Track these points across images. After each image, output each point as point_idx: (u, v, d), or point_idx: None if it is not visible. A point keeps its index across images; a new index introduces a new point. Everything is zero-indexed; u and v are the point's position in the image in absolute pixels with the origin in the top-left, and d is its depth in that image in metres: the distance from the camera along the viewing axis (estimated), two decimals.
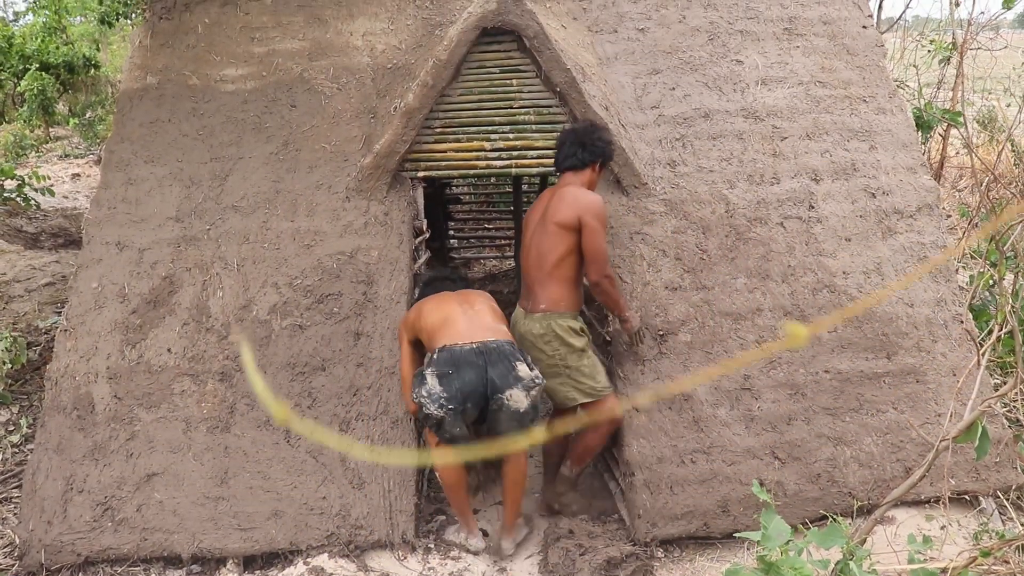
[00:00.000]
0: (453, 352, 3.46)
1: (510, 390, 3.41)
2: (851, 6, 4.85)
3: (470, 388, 3.40)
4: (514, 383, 3.42)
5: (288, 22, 4.56)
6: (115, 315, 4.06)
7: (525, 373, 3.47)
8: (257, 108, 4.38)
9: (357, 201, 4.13)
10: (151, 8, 4.72)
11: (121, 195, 4.30)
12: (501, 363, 3.45)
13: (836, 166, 4.34)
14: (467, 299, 3.81)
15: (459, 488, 3.74)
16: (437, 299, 3.78)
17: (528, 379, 3.46)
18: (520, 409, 3.44)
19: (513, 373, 3.44)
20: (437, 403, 3.38)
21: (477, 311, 3.71)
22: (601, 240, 3.66)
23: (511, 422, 3.47)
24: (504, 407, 3.43)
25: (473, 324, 3.60)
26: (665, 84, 4.37)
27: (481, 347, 3.48)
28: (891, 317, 4.09)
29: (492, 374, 3.42)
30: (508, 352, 3.51)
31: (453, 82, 4.09)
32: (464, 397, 3.40)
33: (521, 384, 3.43)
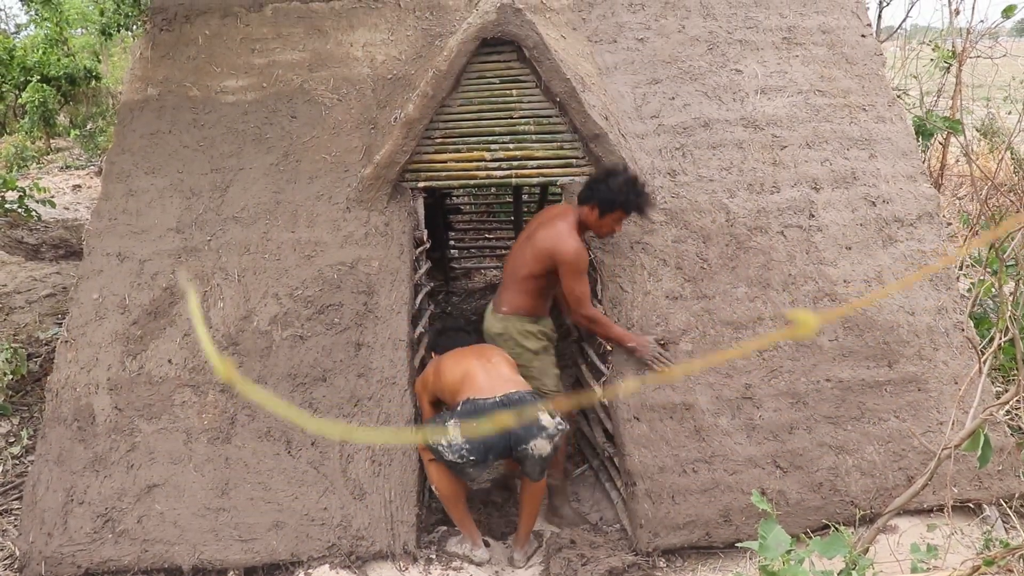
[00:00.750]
0: (477, 405, 3.50)
1: (534, 440, 3.46)
2: (850, 15, 4.86)
3: (493, 442, 3.46)
4: (538, 433, 3.47)
5: (288, 33, 4.57)
6: (116, 326, 4.06)
7: (548, 422, 3.51)
8: (257, 119, 4.39)
9: (357, 212, 4.13)
10: (152, 20, 4.74)
11: (122, 206, 4.31)
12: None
13: (836, 175, 4.34)
14: (483, 353, 3.84)
15: (457, 500, 3.75)
16: (454, 356, 3.80)
17: (551, 427, 3.50)
18: (543, 455, 3.50)
19: (537, 424, 3.47)
20: (457, 453, 3.46)
21: (495, 363, 3.74)
22: (575, 283, 3.77)
23: (534, 465, 3.54)
24: (528, 455, 3.49)
25: (492, 377, 3.64)
26: (665, 94, 4.38)
27: (504, 399, 3.51)
28: (892, 325, 4.09)
29: (516, 429, 3.45)
30: (530, 402, 3.55)
31: (453, 92, 4.10)
32: (486, 450, 3.46)
33: (545, 433, 3.48)
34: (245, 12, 4.65)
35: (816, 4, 4.83)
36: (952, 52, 7.55)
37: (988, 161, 9.18)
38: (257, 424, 3.86)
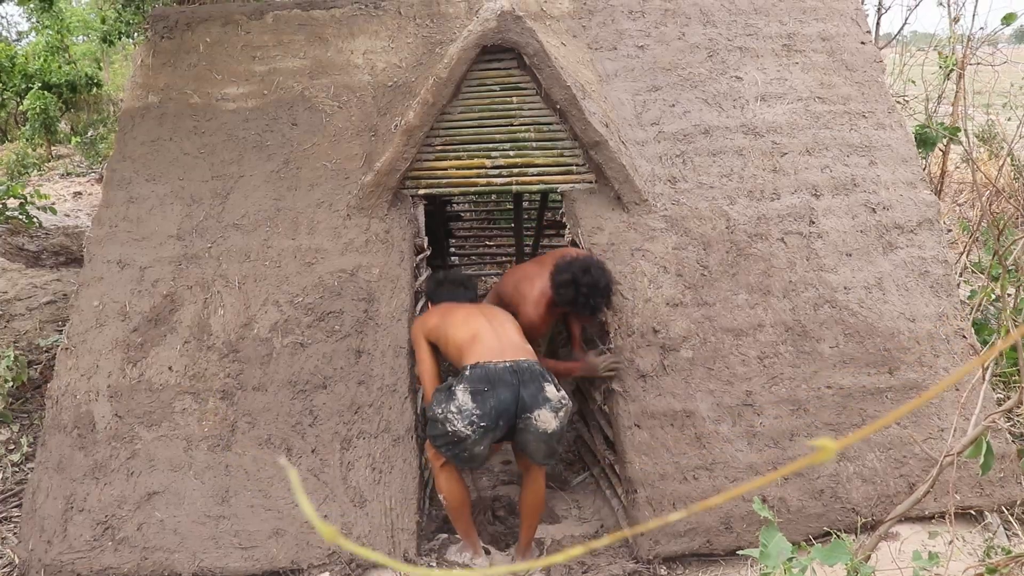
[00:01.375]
0: (487, 369, 3.44)
1: (539, 410, 3.42)
2: (849, 22, 4.87)
3: (504, 407, 3.40)
4: (543, 403, 3.43)
5: (289, 41, 4.58)
6: (116, 333, 4.06)
7: (553, 394, 3.48)
8: (258, 126, 4.40)
9: (358, 219, 4.14)
10: (153, 28, 4.75)
11: (122, 213, 4.31)
12: (532, 383, 3.45)
13: (836, 181, 4.35)
14: (491, 314, 3.80)
15: (463, 508, 3.73)
16: (462, 313, 3.76)
17: (556, 400, 3.46)
18: (548, 430, 3.44)
19: (542, 394, 3.45)
20: (468, 419, 3.37)
21: (504, 327, 3.71)
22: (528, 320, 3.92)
23: (538, 442, 3.48)
24: (531, 427, 3.44)
25: (503, 342, 3.59)
26: (665, 101, 4.39)
27: (514, 366, 3.47)
28: (893, 332, 4.09)
29: (524, 393, 3.42)
30: (538, 372, 3.52)
31: (453, 100, 4.11)
32: (498, 415, 3.39)
33: (549, 405, 3.44)
34: (246, 20, 4.66)
35: (816, 11, 4.84)
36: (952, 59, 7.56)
37: (989, 168, 9.18)
38: (257, 431, 3.85)
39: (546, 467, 3.74)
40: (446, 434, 3.44)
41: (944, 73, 7.76)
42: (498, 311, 3.89)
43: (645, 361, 3.88)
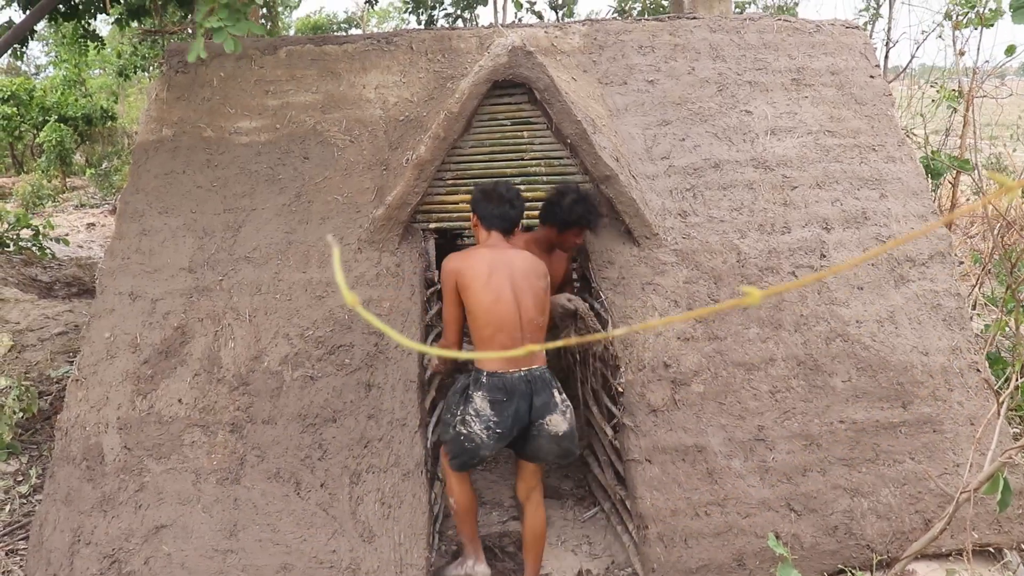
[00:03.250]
0: (505, 380, 3.54)
1: (550, 415, 3.56)
2: (858, 56, 4.89)
3: (520, 416, 3.54)
4: (553, 409, 3.57)
5: (302, 75, 4.63)
6: (126, 365, 4.07)
7: (559, 398, 3.63)
8: (270, 160, 4.43)
9: (369, 252, 4.15)
10: (168, 62, 4.81)
11: (135, 245, 4.34)
12: (544, 391, 3.58)
13: (847, 215, 4.34)
14: (517, 279, 3.56)
15: (470, 515, 3.83)
16: (487, 269, 3.53)
17: (561, 403, 3.61)
18: (559, 432, 3.58)
19: (552, 400, 3.59)
20: (485, 424, 3.50)
21: (526, 302, 3.55)
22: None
23: (551, 444, 3.60)
24: (544, 432, 3.57)
25: (524, 331, 3.55)
26: (675, 135, 4.41)
27: (528, 375, 3.57)
28: (906, 366, 4.06)
29: (536, 402, 3.55)
30: (548, 380, 3.63)
31: (465, 134, 4.13)
32: (513, 424, 3.53)
33: (558, 409, 3.58)
34: (260, 54, 4.72)
35: (824, 46, 4.87)
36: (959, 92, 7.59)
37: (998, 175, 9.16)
38: (266, 465, 3.84)
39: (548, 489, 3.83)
40: (459, 436, 3.55)
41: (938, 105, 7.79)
42: (523, 267, 3.61)
43: (656, 395, 3.87)
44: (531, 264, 3.62)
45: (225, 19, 3.94)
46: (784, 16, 5.17)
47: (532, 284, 3.59)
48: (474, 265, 3.55)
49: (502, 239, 3.67)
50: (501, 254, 3.59)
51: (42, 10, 7.12)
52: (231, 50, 3.95)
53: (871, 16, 8.62)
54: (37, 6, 7.12)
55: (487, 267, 3.54)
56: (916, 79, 9.53)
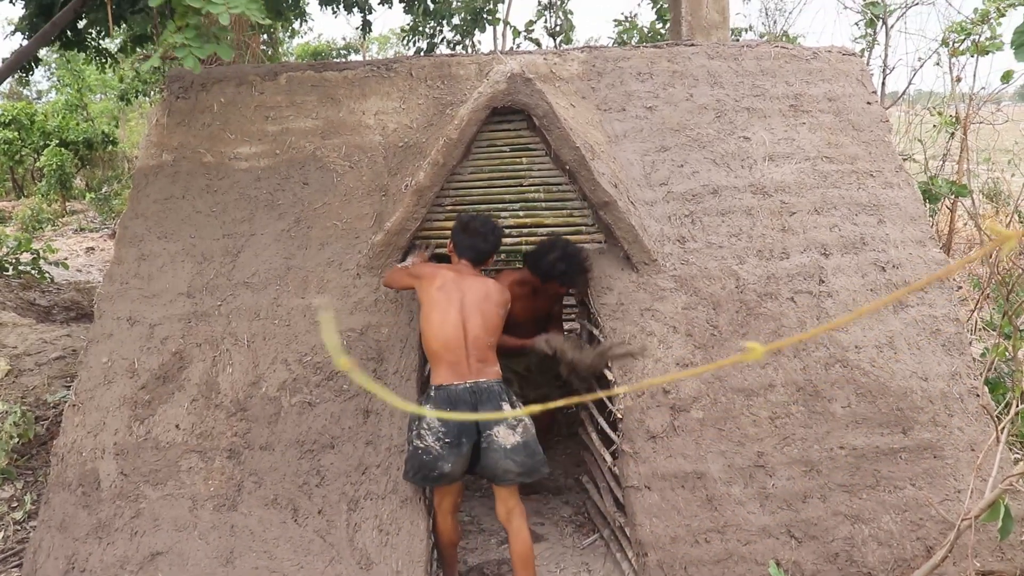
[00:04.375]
0: (449, 392, 3.66)
1: (497, 427, 3.62)
2: (855, 83, 4.92)
3: (464, 424, 3.61)
4: (499, 421, 3.63)
5: (302, 101, 4.65)
6: (124, 390, 4.06)
7: (508, 412, 3.73)
8: (270, 185, 4.44)
9: (368, 278, 4.15)
10: (169, 87, 4.83)
11: (134, 270, 4.34)
12: (490, 403, 3.65)
13: (845, 240, 4.35)
14: (469, 302, 3.76)
15: (450, 548, 3.92)
16: (444, 292, 3.74)
17: (511, 417, 3.66)
18: (507, 445, 3.61)
19: (500, 411, 3.68)
20: (435, 436, 3.59)
21: (475, 323, 3.73)
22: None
23: (505, 459, 3.62)
24: (494, 444, 3.62)
25: (469, 349, 3.71)
26: (673, 161, 4.43)
27: (473, 386, 3.67)
28: (905, 391, 4.05)
29: (481, 411, 3.65)
30: (496, 392, 3.70)
31: (464, 160, 4.15)
32: (459, 432, 3.59)
33: (504, 423, 3.63)
34: (260, 80, 4.74)
35: (821, 72, 4.90)
36: (956, 118, 7.63)
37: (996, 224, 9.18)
38: (264, 491, 3.82)
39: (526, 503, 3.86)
40: (416, 451, 3.61)
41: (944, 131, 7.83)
42: (476, 291, 3.81)
43: (655, 422, 3.85)
44: (486, 290, 3.82)
45: (191, 39, 3.97)
46: (781, 43, 5.21)
47: (482, 308, 3.78)
48: (434, 282, 3.79)
49: (470, 267, 3.89)
50: (461, 279, 3.81)
51: (44, 36, 7.17)
52: (190, 67, 3.98)
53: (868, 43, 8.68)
54: (39, 32, 7.17)
55: (442, 290, 3.76)
56: (913, 104, 9.59)
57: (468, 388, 3.67)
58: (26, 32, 7.69)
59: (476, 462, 3.70)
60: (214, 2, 3.83)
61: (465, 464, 3.66)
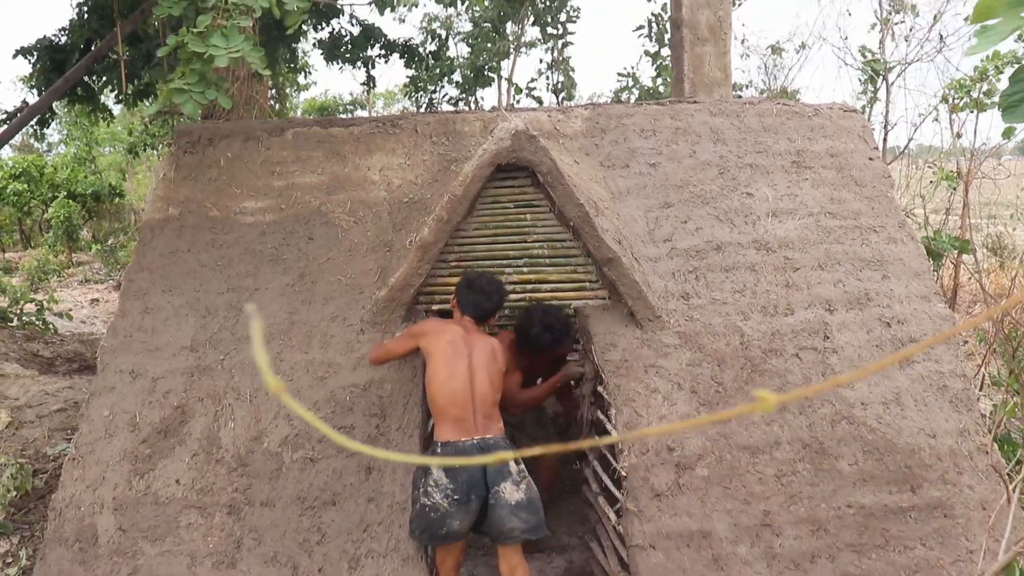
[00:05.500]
0: (457, 447, 3.69)
1: (503, 483, 3.65)
2: (857, 139, 4.96)
3: (473, 480, 3.63)
4: (507, 476, 3.67)
5: (308, 157, 4.70)
6: (125, 444, 4.03)
7: (514, 468, 3.73)
8: (275, 240, 4.47)
9: (371, 334, 4.15)
10: (176, 142, 4.89)
11: (138, 324, 4.34)
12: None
13: (849, 296, 4.34)
14: (476, 358, 3.83)
15: None
16: (452, 347, 3.80)
17: (516, 473, 3.71)
18: (512, 501, 3.63)
19: (506, 468, 3.71)
20: (444, 492, 3.60)
21: (481, 379, 3.78)
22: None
23: (510, 515, 3.63)
24: (501, 500, 3.64)
25: (476, 405, 3.75)
26: (677, 217, 4.44)
27: (481, 443, 3.69)
28: (913, 448, 4.00)
29: (490, 469, 3.67)
30: (502, 448, 3.73)
31: (468, 216, 4.17)
32: (468, 488, 3.61)
33: (511, 479, 3.67)
34: (267, 136, 4.79)
35: (823, 129, 4.94)
36: (957, 173, 7.68)
37: (1000, 278, 9.19)
38: (263, 548, 3.77)
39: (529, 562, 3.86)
40: (424, 509, 3.60)
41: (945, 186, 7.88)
42: (483, 348, 3.89)
43: (660, 480, 3.81)
44: (492, 348, 3.89)
45: (192, 84, 4.03)
46: (783, 100, 5.27)
47: (489, 366, 3.83)
48: (442, 337, 3.82)
49: (473, 324, 3.95)
50: (468, 335, 3.86)
51: (57, 91, 7.28)
52: (189, 112, 4.05)
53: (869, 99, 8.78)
54: (52, 87, 7.28)
55: (452, 345, 3.80)
56: (914, 159, 9.67)
57: (475, 444, 3.68)
58: (39, 87, 7.82)
59: (481, 520, 3.69)
60: (216, 46, 3.91)
61: (472, 521, 3.66)
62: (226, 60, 3.93)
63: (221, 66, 3.98)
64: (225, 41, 3.95)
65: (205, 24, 3.97)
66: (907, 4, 8.69)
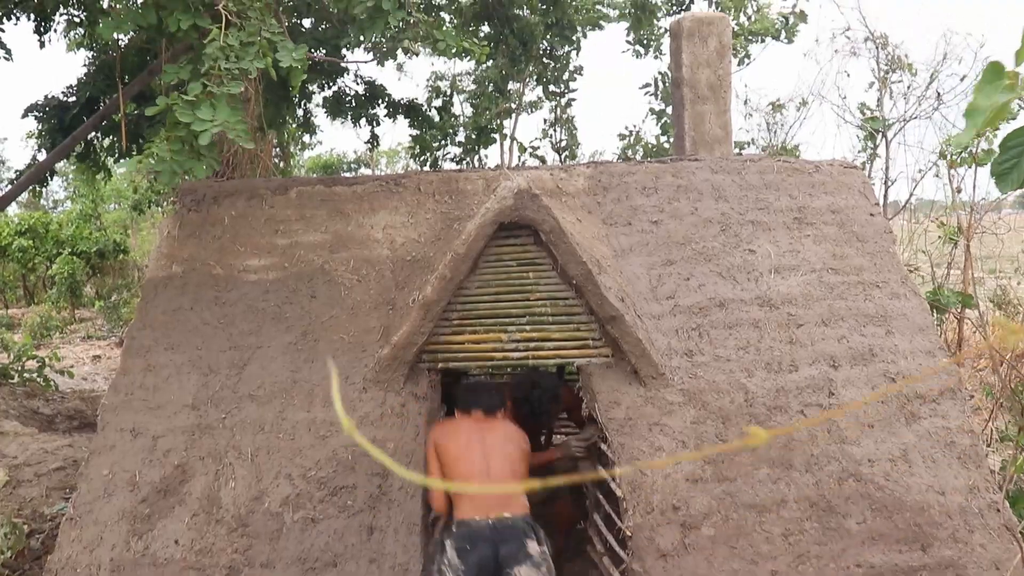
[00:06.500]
0: (470, 527, 3.65)
1: (519, 567, 3.59)
2: (857, 195, 4.99)
3: (484, 562, 3.59)
4: (524, 560, 3.60)
5: (311, 215, 4.73)
6: (124, 503, 3.99)
7: (535, 550, 3.65)
8: (278, 298, 4.47)
9: (374, 392, 4.13)
10: (181, 200, 4.93)
11: (139, 381, 4.33)
12: (513, 540, 3.64)
13: (854, 352, 4.33)
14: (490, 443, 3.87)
15: None
16: (464, 438, 3.86)
17: (537, 555, 3.63)
18: None
19: (524, 551, 3.62)
20: (455, 573, 3.59)
21: (496, 460, 3.81)
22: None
23: None
24: None
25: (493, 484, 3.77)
26: (680, 274, 4.45)
27: (496, 523, 3.66)
28: (922, 506, 3.95)
29: (503, 551, 3.60)
30: (521, 528, 3.68)
31: (471, 275, 4.18)
32: (478, 571, 3.58)
33: (531, 561, 3.61)
34: (271, 194, 4.83)
35: (824, 185, 4.97)
36: (958, 228, 7.71)
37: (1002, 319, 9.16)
38: None
39: None
40: None
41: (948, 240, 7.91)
42: (497, 432, 3.95)
43: (665, 539, 3.75)
44: (506, 432, 3.94)
45: (175, 152, 4.02)
46: (784, 157, 5.32)
47: (503, 447, 3.87)
48: (450, 433, 3.91)
49: (482, 415, 3.99)
50: (479, 423, 3.95)
51: (63, 150, 7.37)
52: (165, 182, 4.04)
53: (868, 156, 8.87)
54: (59, 147, 7.38)
55: (465, 433, 3.88)
56: (915, 214, 9.72)
57: (490, 524, 3.65)
58: (45, 145, 7.93)
59: None
60: (201, 119, 3.91)
61: None
62: (208, 137, 3.93)
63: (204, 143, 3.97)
64: (212, 112, 3.93)
65: (195, 93, 3.98)
66: (904, 63, 8.83)
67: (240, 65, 4.03)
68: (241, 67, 4.03)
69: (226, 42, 4.02)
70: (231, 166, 7.21)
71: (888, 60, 8.96)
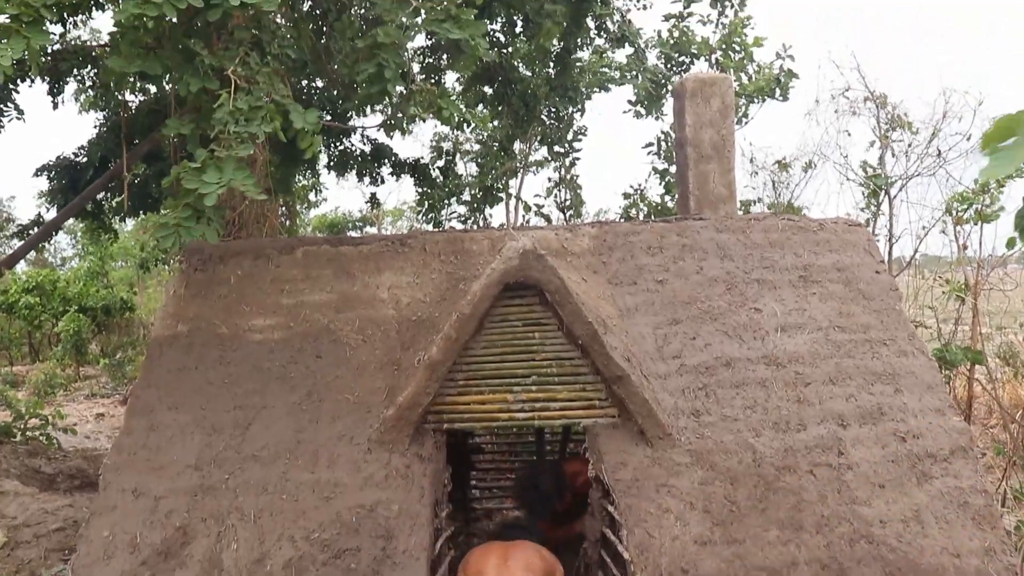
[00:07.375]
0: None
1: None
2: (863, 253, 5.00)
3: None
4: None
5: (317, 275, 4.75)
6: (124, 565, 3.93)
7: None
8: (283, 358, 4.47)
9: (379, 453, 4.10)
10: (188, 260, 4.96)
11: (142, 441, 4.31)
12: None
13: (862, 410, 4.29)
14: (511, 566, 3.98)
15: None
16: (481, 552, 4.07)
17: None
18: None
19: None
20: None
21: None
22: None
23: None
24: None
25: None
26: (686, 334, 4.44)
27: None
28: (937, 568, 3.87)
29: None
30: None
31: (476, 335, 4.18)
32: None
33: None
34: (277, 254, 4.86)
35: (829, 243, 4.99)
36: (965, 284, 7.71)
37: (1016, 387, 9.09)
38: None
39: None
40: None
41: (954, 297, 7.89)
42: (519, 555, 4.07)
43: None
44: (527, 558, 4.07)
45: (183, 218, 4.03)
46: (788, 215, 5.34)
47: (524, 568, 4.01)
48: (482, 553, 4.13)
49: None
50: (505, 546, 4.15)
51: (73, 209, 7.45)
52: (168, 246, 4.04)
53: (872, 213, 8.92)
54: (68, 205, 7.46)
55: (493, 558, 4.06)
56: (921, 269, 9.73)
57: None
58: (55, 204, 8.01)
59: None
60: (207, 182, 3.93)
61: None
62: (215, 198, 3.94)
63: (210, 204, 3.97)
64: (218, 174, 3.95)
65: (202, 159, 4.01)
66: (904, 121, 8.93)
67: (249, 128, 4.08)
68: (250, 130, 4.08)
69: (235, 106, 4.07)
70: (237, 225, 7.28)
71: (888, 119, 9.07)
